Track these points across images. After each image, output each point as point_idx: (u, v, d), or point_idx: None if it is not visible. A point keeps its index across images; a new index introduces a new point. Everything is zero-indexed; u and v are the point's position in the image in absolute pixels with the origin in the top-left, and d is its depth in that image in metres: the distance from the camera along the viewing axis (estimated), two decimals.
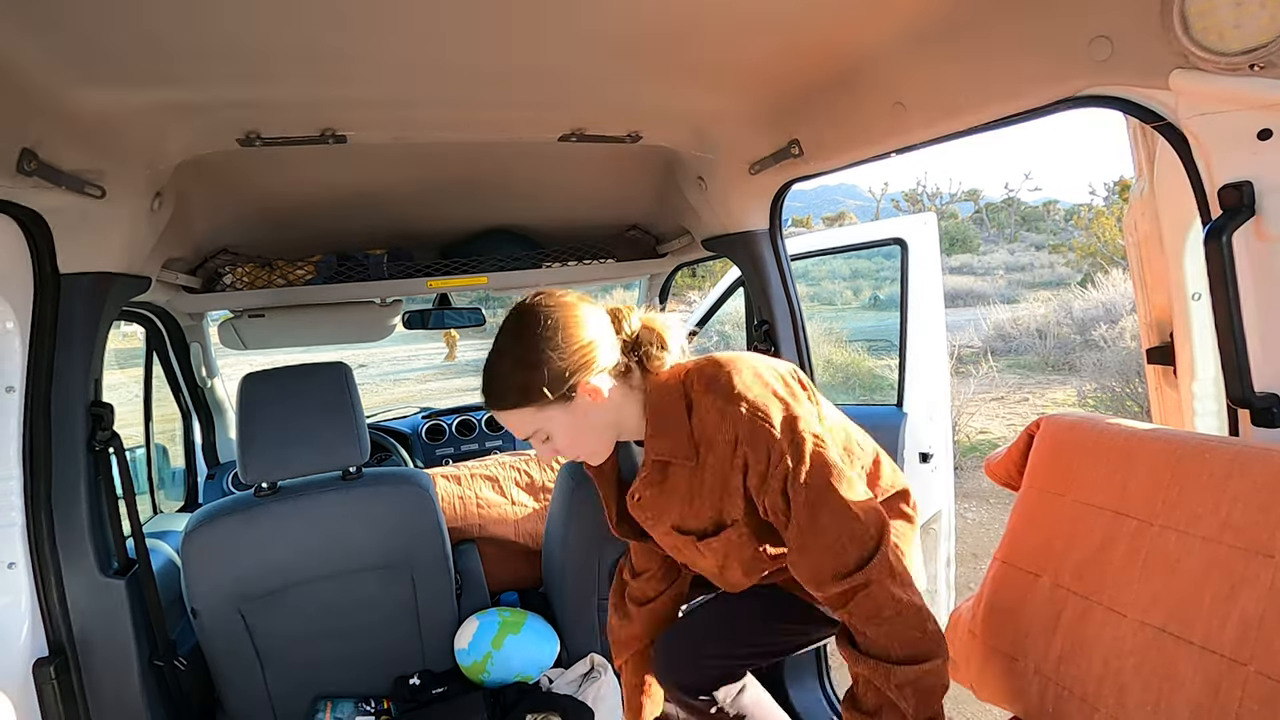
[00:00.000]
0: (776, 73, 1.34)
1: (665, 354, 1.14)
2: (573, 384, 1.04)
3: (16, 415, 1.28)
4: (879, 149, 1.42)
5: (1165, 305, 1.33)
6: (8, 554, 1.27)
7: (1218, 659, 0.84)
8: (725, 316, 3.35)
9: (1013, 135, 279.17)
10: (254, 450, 1.54)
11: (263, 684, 1.62)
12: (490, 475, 2.22)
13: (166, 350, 2.60)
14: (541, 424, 1.08)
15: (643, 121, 1.61)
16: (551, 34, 1.10)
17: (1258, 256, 0.90)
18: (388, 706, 1.68)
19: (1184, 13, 0.83)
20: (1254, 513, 0.85)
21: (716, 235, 1.96)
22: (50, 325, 1.30)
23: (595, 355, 1.06)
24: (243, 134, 1.39)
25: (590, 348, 1.06)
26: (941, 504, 2.37)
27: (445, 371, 12.46)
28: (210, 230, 1.88)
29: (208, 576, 1.51)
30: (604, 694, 1.73)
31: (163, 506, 2.62)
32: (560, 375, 1.04)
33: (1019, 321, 10.74)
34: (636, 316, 1.16)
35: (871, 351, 8.00)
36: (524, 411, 1.06)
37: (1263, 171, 0.87)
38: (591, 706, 1.69)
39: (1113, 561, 1.00)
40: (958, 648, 1.25)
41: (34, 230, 1.25)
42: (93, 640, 1.34)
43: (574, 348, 1.05)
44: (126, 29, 0.95)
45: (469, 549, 2.02)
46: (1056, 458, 1.14)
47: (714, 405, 1.06)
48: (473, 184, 1.93)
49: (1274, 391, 0.92)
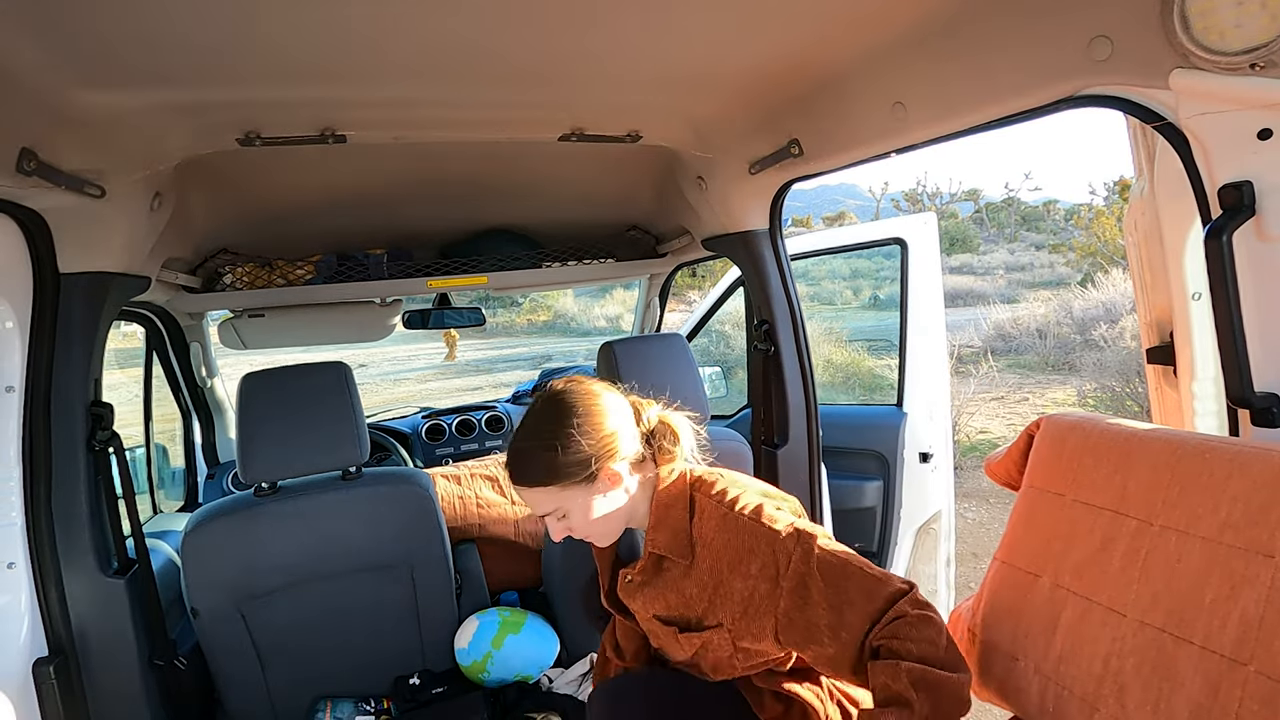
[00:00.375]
0: (776, 72, 1.34)
1: (677, 449, 1.20)
2: (595, 469, 1.10)
3: (16, 415, 1.28)
4: (879, 149, 1.42)
5: (1165, 305, 1.33)
6: (8, 554, 1.27)
7: (1218, 659, 0.84)
8: (725, 316, 3.35)
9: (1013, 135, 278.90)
10: (254, 450, 1.54)
11: (263, 684, 1.62)
12: (490, 475, 2.22)
13: (166, 350, 2.60)
14: (561, 503, 1.13)
15: (642, 121, 1.61)
16: (552, 34, 1.10)
17: (1258, 256, 0.90)
18: (388, 706, 1.68)
19: (1184, 12, 0.83)
20: (1254, 513, 0.85)
21: (716, 235, 1.96)
22: (50, 325, 1.30)
23: (618, 444, 1.13)
24: (243, 134, 1.39)
25: (614, 436, 1.13)
26: (941, 504, 2.38)
27: (445, 371, 12.46)
28: (210, 230, 1.88)
29: (208, 576, 1.51)
30: None
31: (163, 506, 2.62)
32: (585, 459, 1.10)
33: (1019, 321, 10.74)
34: (654, 412, 1.22)
35: (871, 351, 8.00)
36: (548, 490, 1.12)
37: (1263, 171, 0.87)
38: None
39: (1113, 561, 1.00)
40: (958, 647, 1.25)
41: (34, 230, 1.25)
42: (93, 640, 1.34)
43: (599, 435, 1.11)
44: (126, 29, 0.95)
45: (469, 549, 2.02)
46: (1056, 458, 1.14)
47: (716, 512, 1.11)
48: (473, 184, 1.93)
49: (1274, 391, 0.92)
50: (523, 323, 18.57)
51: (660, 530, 1.16)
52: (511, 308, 19.00)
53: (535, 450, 1.12)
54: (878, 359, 7.72)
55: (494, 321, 18.12)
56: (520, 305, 18.92)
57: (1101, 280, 10.39)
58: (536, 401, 1.18)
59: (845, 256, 14.96)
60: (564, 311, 17.92)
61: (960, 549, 3.71)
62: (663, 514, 1.16)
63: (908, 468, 2.37)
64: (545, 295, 17.88)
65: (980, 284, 17.75)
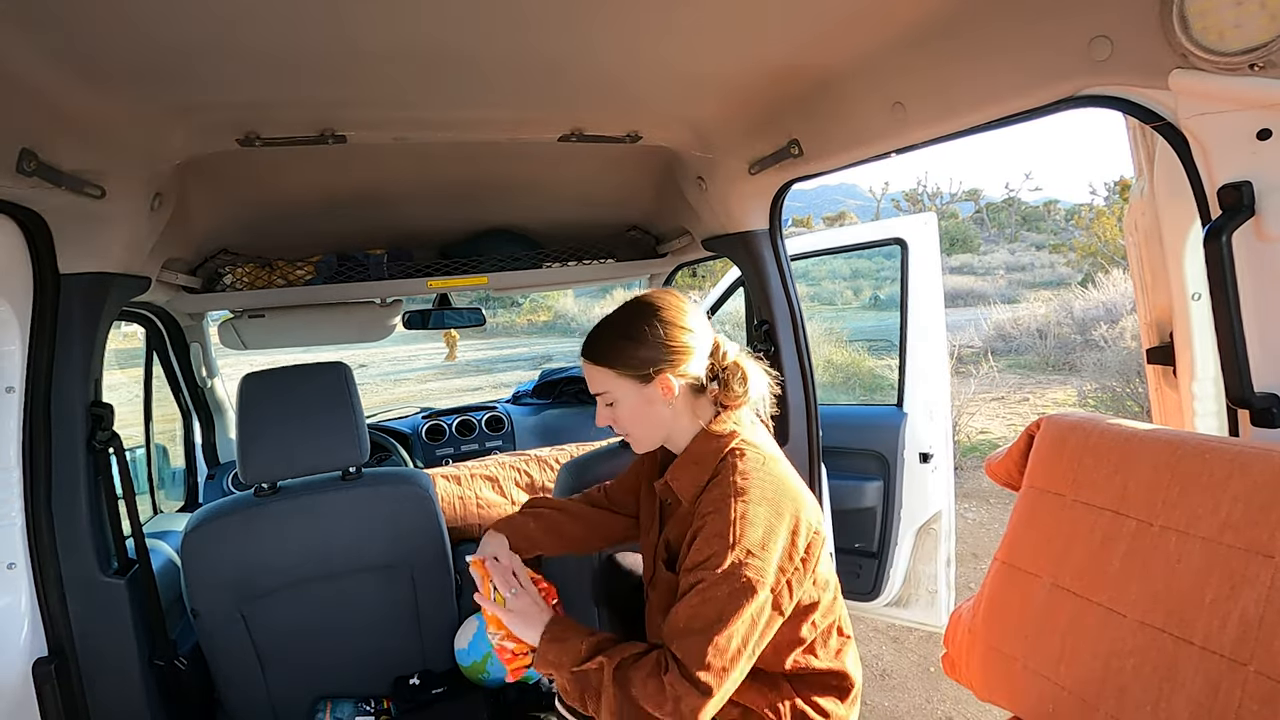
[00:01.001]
0: (776, 72, 1.34)
1: (743, 398, 1.22)
2: (653, 372, 1.17)
3: (16, 415, 1.28)
4: (879, 149, 1.42)
5: (1165, 305, 1.33)
6: (8, 554, 1.27)
7: (1218, 659, 0.84)
8: (725, 316, 3.35)
9: (1013, 135, 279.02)
10: (254, 450, 1.54)
11: (263, 684, 1.62)
12: (490, 475, 2.22)
13: (166, 350, 2.60)
14: (613, 388, 1.20)
15: (642, 121, 1.61)
16: (552, 34, 1.10)
17: (1258, 256, 0.90)
18: (388, 706, 1.68)
19: (1184, 12, 0.83)
20: (1254, 513, 0.85)
21: (716, 235, 1.96)
22: (50, 325, 1.30)
23: (684, 359, 1.18)
24: (243, 134, 1.39)
25: (684, 350, 1.18)
26: (941, 504, 2.38)
27: (445, 371, 12.47)
28: (210, 230, 1.88)
29: (208, 576, 1.51)
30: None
31: (163, 506, 2.62)
32: (648, 359, 1.17)
33: (1019, 321, 10.74)
34: (733, 350, 1.25)
35: (872, 351, 8.00)
36: (606, 372, 1.20)
37: (1263, 171, 0.87)
38: None
39: (1113, 562, 1.00)
40: (958, 648, 1.25)
41: (34, 230, 1.25)
42: (93, 640, 1.34)
43: (670, 343, 1.17)
44: (126, 29, 0.95)
45: (469, 549, 2.02)
46: (1057, 458, 1.14)
47: (724, 493, 1.11)
48: (473, 184, 1.93)
49: (1274, 391, 0.92)
50: (523, 323, 18.59)
51: (682, 471, 1.20)
52: (512, 308, 19.02)
53: (609, 334, 1.21)
54: (878, 359, 7.72)
55: (494, 322, 18.14)
56: (520, 305, 18.93)
57: (1102, 280, 10.39)
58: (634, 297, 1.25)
59: (845, 257, 14.98)
60: (564, 312, 17.93)
61: (960, 549, 3.71)
62: (693, 459, 1.19)
63: (908, 468, 2.37)
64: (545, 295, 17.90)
65: (980, 284, 17.75)
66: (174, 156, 1.39)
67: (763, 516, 1.08)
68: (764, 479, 1.13)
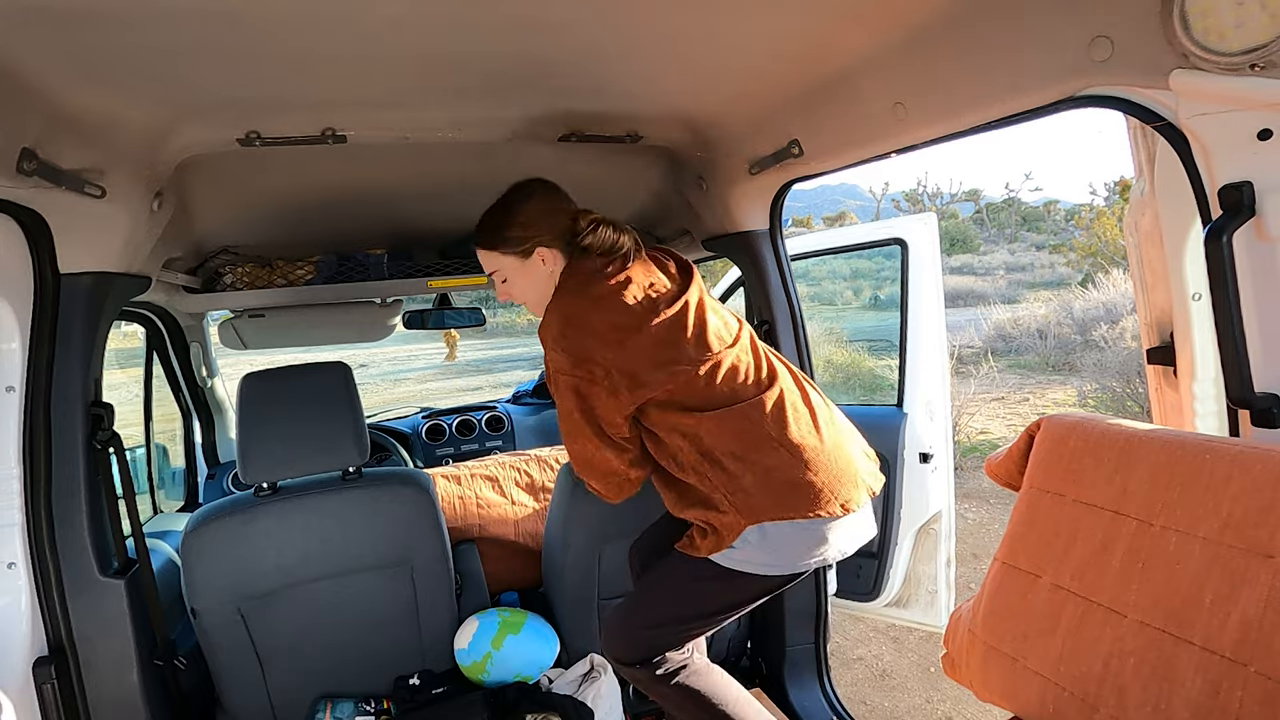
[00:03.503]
0: (776, 73, 1.34)
1: (602, 241, 1.40)
2: (531, 246, 1.38)
3: (16, 415, 1.28)
4: (879, 149, 1.42)
5: (1165, 305, 1.33)
6: (8, 554, 1.27)
7: (1218, 659, 0.84)
8: None
9: (1013, 135, 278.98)
10: (254, 450, 1.54)
11: (263, 684, 1.62)
12: (490, 475, 2.22)
13: (166, 350, 2.60)
14: (501, 266, 1.43)
15: (642, 122, 1.61)
16: (552, 34, 1.10)
17: (1258, 257, 0.90)
18: (388, 706, 1.68)
19: (1184, 12, 0.83)
20: (1254, 513, 0.85)
21: (716, 235, 1.96)
22: (50, 325, 1.30)
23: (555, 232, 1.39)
24: (243, 134, 1.39)
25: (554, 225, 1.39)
26: (941, 504, 2.38)
27: (445, 371, 12.47)
28: (210, 230, 1.88)
29: (208, 576, 1.51)
30: (604, 694, 1.73)
31: (163, 506, 2.62)
32: (525, 236, 1.38)
33: (1019, 321, 10.74)
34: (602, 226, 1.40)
35: (872, 351, 8.00)
36: (493, 254, 1.43)
37: (1263, 171, 0.87)
38: (591, 706, 1.69)
39: (1113, 562, 1.00)
40: (958, 648, 1.25)
41: (34, 230, 1.25)
42: (93, 640, 1.34)
43: (543, 221, 1.38)
44: (126, 29, 0.95)
45: (469, 549, 2.02)
46: (1057, 458, 1.14)
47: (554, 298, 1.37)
48: (473, 184, 1.93)
49: (1274, 391, 0.92)
50: (523, 323, 18.56)
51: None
52: (512, 308, 18.94)
53: (490, 221, 1.42)
54: (878, 359, 7.72)
55: (494, 321, 18.12)
56: (520, 305, 18.89)
57: (1102, 281, 10.39)
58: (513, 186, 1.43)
59: (846, 257, 14.96)
60: None
61: (960, 549, 3.71)
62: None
63: (908, 468, 2.37)
64: None
65: (980, 284, 17.75)
66: (174, 156, 1.40)
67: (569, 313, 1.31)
68: (583, 290, 1.34)
